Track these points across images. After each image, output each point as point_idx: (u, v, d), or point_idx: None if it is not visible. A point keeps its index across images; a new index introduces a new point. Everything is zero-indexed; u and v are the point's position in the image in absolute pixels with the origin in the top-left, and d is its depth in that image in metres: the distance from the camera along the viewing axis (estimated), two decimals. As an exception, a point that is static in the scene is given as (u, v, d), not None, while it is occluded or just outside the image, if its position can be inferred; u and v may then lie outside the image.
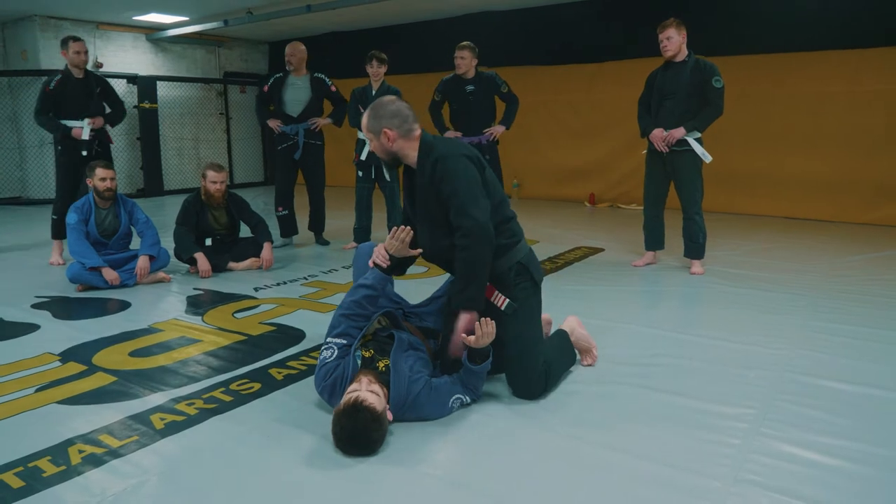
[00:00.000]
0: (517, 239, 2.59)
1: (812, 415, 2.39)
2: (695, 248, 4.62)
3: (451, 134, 5.46)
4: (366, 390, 2.19)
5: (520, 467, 2.09)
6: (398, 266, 2.63)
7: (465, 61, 5.30)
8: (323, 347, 2.45)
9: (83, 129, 5.31)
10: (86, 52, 5.39)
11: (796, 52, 6.95)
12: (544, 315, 2.95)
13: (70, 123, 5.35)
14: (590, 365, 2.88)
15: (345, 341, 2.43)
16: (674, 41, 4.42)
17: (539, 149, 8.66)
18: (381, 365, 2.37)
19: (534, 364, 2.51)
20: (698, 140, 4.47)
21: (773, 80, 7.04)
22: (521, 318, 2.53)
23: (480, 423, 2.36)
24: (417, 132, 2.52)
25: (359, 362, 2.37)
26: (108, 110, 5.62)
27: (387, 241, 2.58)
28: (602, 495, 1.90)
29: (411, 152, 2.51)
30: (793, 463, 2.06)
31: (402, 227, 2.57)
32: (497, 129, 5.39)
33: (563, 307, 3.40)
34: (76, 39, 5.36)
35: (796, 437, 2.22)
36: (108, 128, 5.57)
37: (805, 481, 1.95)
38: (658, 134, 4.48)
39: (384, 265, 2.57)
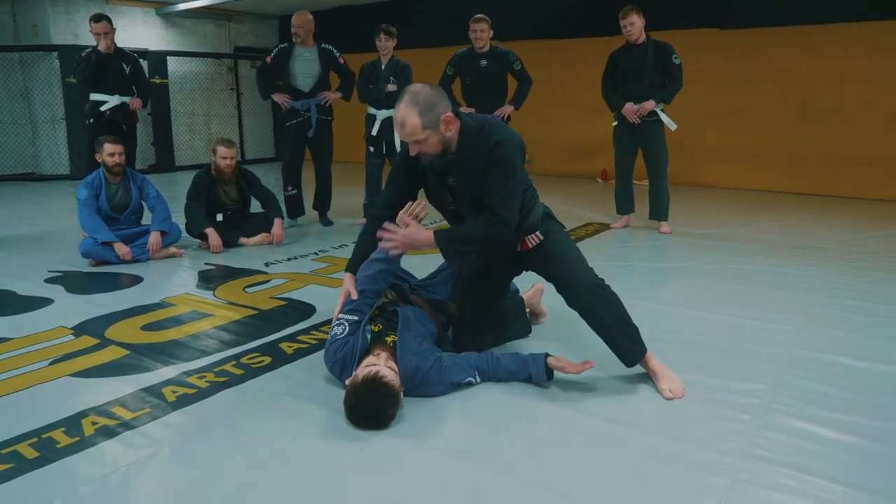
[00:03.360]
0: (537, 197, 2.65)
1: (824, 391, 2.38)
2: (660, 210, 5.14)
3: (463, 110, 5.40)
4: (384, 366, 2.19)
5: (530, 442, 2.09)
6: None
7: (485, 34, 5.24)
8: (334, 324, 2.45)
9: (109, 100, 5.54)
10: (106, 34, 5.47)
11: (817, 25, 6.80)
12: (538, 284, 3.06)
13: (98, 97, 5.46)
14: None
15: (356, 318, 2.43)
16: (637, 26, 4.86)
17: (551, 124, 8.58)
18: (389, 340, 2.37)
19: (581, 257, 2.55)
20: (662, 111, 4.94)
21: (793, 53, 6.91)
22: (556, 239, 2.57)
23: (491, 398, 2.37)
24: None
25: (368, 337, 2.37)
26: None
27: (400, 214, 2.51)
28: (612, 470, 1.91)
29: (456, 136, 2.37)
30: (804, 439, 2.05)
31: (419, 201, 2.52)
32: (506, 110, 5.33)
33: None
34: (97, 20, 5.49)
35: (808, 413, 2.21)
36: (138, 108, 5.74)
37: (816, 457, 1.95)
38: (630, 107, 4.92)
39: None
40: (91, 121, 5.57)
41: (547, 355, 2.43)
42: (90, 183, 4.42)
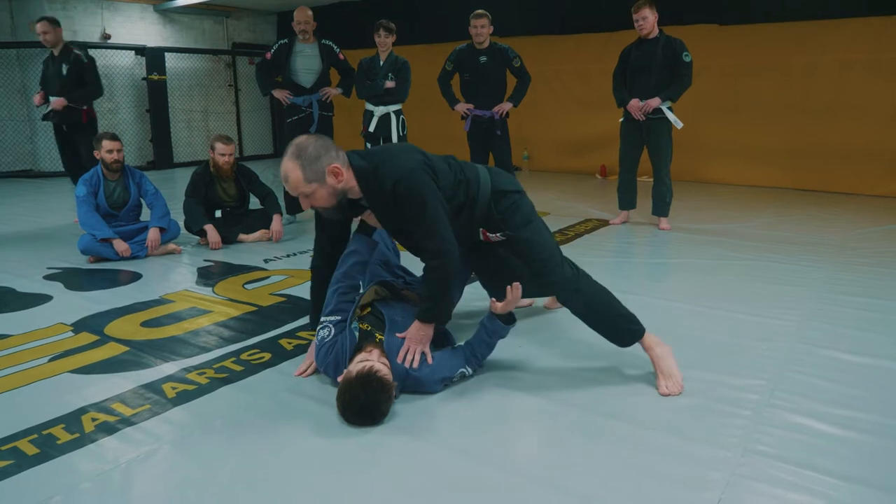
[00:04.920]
0: (475, 178, 2.46)
1: (824, 386, 2.38)
2: (662, 207, 5.14)
3: (462, 106, 5.41)
4: (378, 361, 2.19)
5: (528, 437, 2.10)
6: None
7: (485, 29, 5.23)
8: (319, 328, 2.46)
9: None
10: (47, 33, 5.45)
11: (816, 20, 6.78)
12: None
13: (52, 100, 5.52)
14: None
15: (339, 317, 2.44)
16: (648, 21, 4.80)
17: (550, 120, 8.57)
18: (378, 339, 2.38)
19: (547, 255, 2.44)
20: (669, 109, 4.89)
21: (793, 48, 6.89)
22: (521, 238, 2.46)
23: (488, 394, 2.37)
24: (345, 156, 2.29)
25: (357, 335, 2.38)
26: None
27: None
28: (611, 465, 1.91)
29: (353, 182, 2.28)
30: (803, 434, 2.05)
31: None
32: (505, 106, 5.33)
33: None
34: (39, 20, 5.44)
35: (807, 409, 2.21)
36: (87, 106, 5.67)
37: (815, 452, 1.95)
38: (635, 104, 4.90)
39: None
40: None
41: (489, 310, 2.43)
42: (88, 180, 4.42)
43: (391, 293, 2.64)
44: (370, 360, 2.20)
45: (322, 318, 2.47)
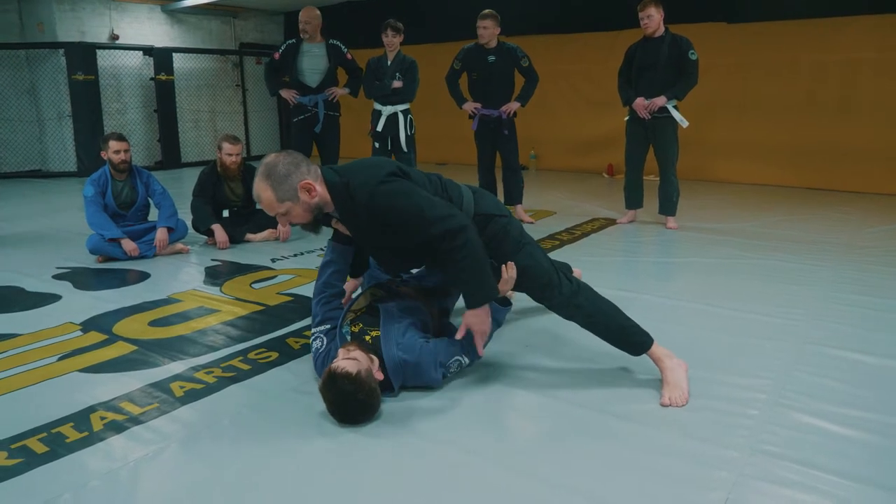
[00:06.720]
0: (458, 198, 2.40)
1: (831, 386, 2.37)
2: (669, 206, 5.13)
3: (469, 105, 5.40)
4: (341, 359, 2.17)
5: (535, 437, 2.10)
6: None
7: (489, 31, 5.20)
8: (312, 339, 2.48)
9: None
10: None
11: (825, 18, 6.75)
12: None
13: None
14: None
15: (328, 326, 2.46)
16: (654, 19, 4.78)
17: (557, 119, 8.57)
18: (368, 337, 2.37)
19: (546, 280, 2.39)
20: (675, 107, 4.88)
21: (801, 47, 6.86)
22: (520, 258, 2.41)
23: (492, 393, 2.37)
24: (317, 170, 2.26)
25: (348, 338, 2.38)
26: None
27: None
28: (618, 465, 1.91)
29: (328, 196, 2.24)
30: (811, 434, 2.05)
31: None
32: (512, 106, 5.32)
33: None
34: None
35: (815, 408, 2.20)
36: None
37: (823, 452, 1.94)
38: (641, 102, 4.87)
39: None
40: None
41: None
42: (96, 180, 4.44)
43: (387, 293, 2.64)
44: (335, 360, 2.17)
45: (312, 330, 2.50)
